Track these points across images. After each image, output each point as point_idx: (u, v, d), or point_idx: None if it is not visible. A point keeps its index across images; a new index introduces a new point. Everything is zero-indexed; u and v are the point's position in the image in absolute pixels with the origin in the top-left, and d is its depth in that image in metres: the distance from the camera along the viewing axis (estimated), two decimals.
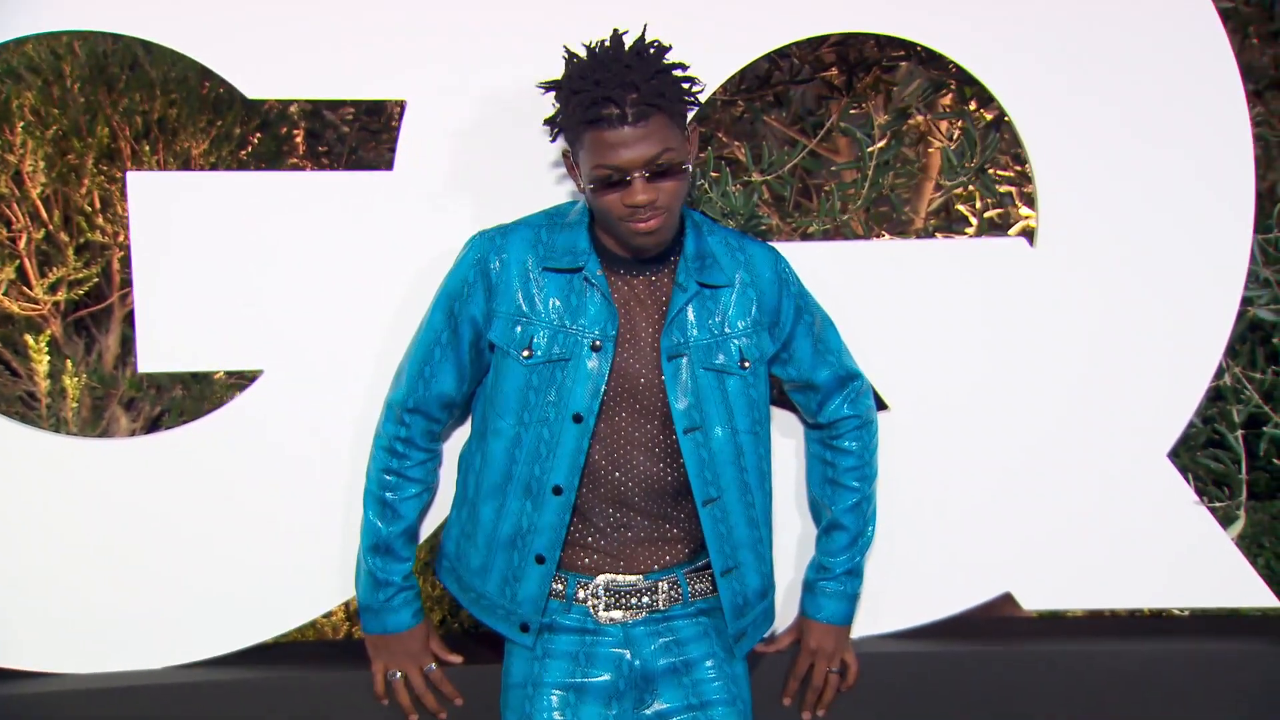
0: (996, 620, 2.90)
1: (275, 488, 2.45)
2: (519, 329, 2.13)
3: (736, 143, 3.94)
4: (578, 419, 2.11)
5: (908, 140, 3.90)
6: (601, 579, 2.18)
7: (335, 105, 4.91)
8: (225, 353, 2.43)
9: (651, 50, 1.98)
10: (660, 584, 2.20)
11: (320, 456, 2.45)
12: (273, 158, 4.70)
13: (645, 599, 2.19)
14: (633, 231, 2.03)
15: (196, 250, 2.38)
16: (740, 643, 2.27)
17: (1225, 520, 2.71)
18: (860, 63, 3.53)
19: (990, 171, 3.52)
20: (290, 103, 4.74)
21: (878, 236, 3.64)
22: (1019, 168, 3.85)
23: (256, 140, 4.70)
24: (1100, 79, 2.49)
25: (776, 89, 3.73)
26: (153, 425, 4.29)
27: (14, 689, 2.40)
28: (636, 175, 1.97)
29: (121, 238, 4.25)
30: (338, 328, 2.42)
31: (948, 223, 4.19)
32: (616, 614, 2.19)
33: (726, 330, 2.17)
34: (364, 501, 2.29)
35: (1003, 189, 3.92)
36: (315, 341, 2.42)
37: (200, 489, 2.44)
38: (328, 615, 3.85)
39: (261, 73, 2.37)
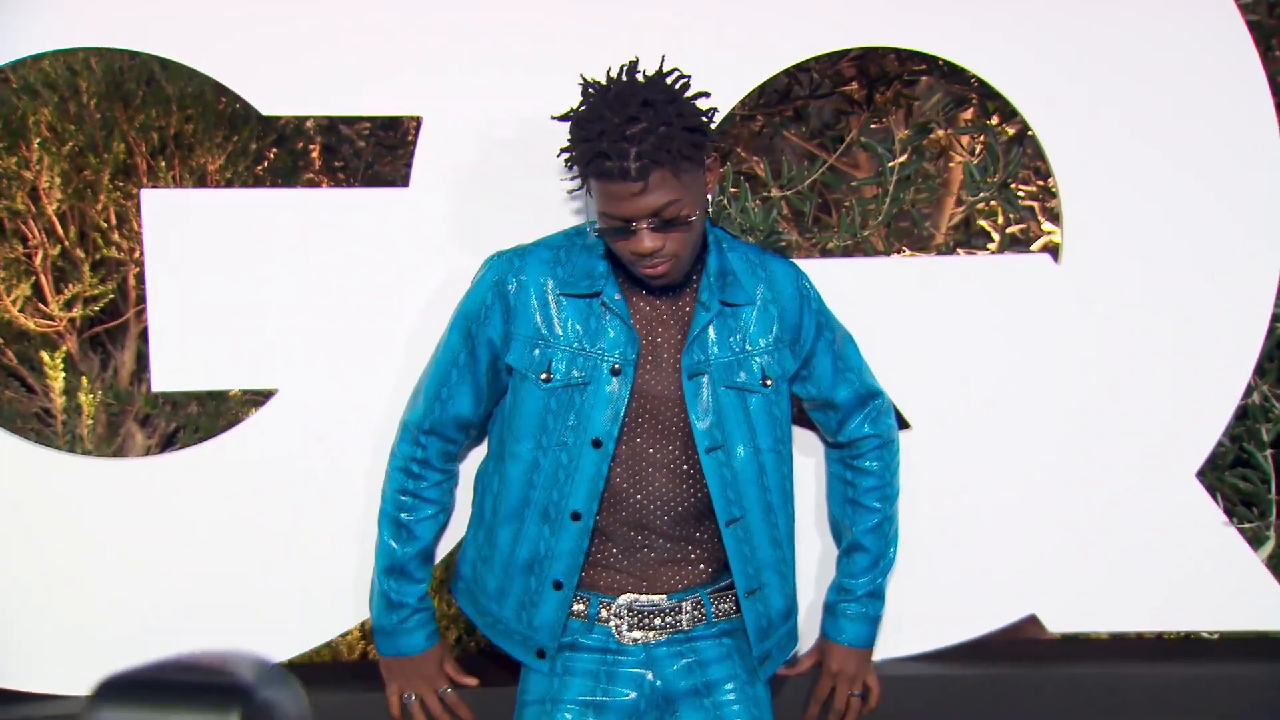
0: (1021, 643, 2.86)
1: (290, 508, 2.43)
2: (537, 352, 2.10)
3: (755, 158, 3.91)
4: (597, 444, 2.08)
5: (929, 155, 3.87)
6: (624, 599, 2.15)
7: (351, 121, 4.89)
8: (239, 372, 2.41)
9: (661, 96, 1.91)
10: (684, 604, 2.17)
11: (335, 476, 2.42)
12: (289, 173, 4.69)
13: (669, 619, 2.16)
14: (644, 274, 2.02)
15: (211, 268, 2.36)
16: (765, 664, 2.23)
17: (1255, 541, 2.66)
18: (880, 77, 3.51)
19: (1013, 186, 3.49)
20: (306, 118, 4.73)
21: (898, 252, 3.61)
22: (1041, 182, 3.81)
23: (272, 156, 4.69)
24: (1125, 91, 2.46)
25: (796, 104, 3.71)
26: (168, 441, 4.28)
27: (23, 711, 2.38)
28: (642, 226, 1.95)
29: (137, 254, 4.24)
30: (353, 346, 2.40)
31: (969, 238, 4.16)
32: (639, 634, 2.16)
33: (748, 348, 2.14)
34: (379, 523, 2.26)
35: (1025, 204, 3.88)
36: (330, 360, 2.40)
37: (213, 509, 2.42)
38: (344, 635, 3.82)
39: (276, 89, 2.35)
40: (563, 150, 2.03)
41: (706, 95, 1.98)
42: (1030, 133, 2.53)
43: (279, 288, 2.37)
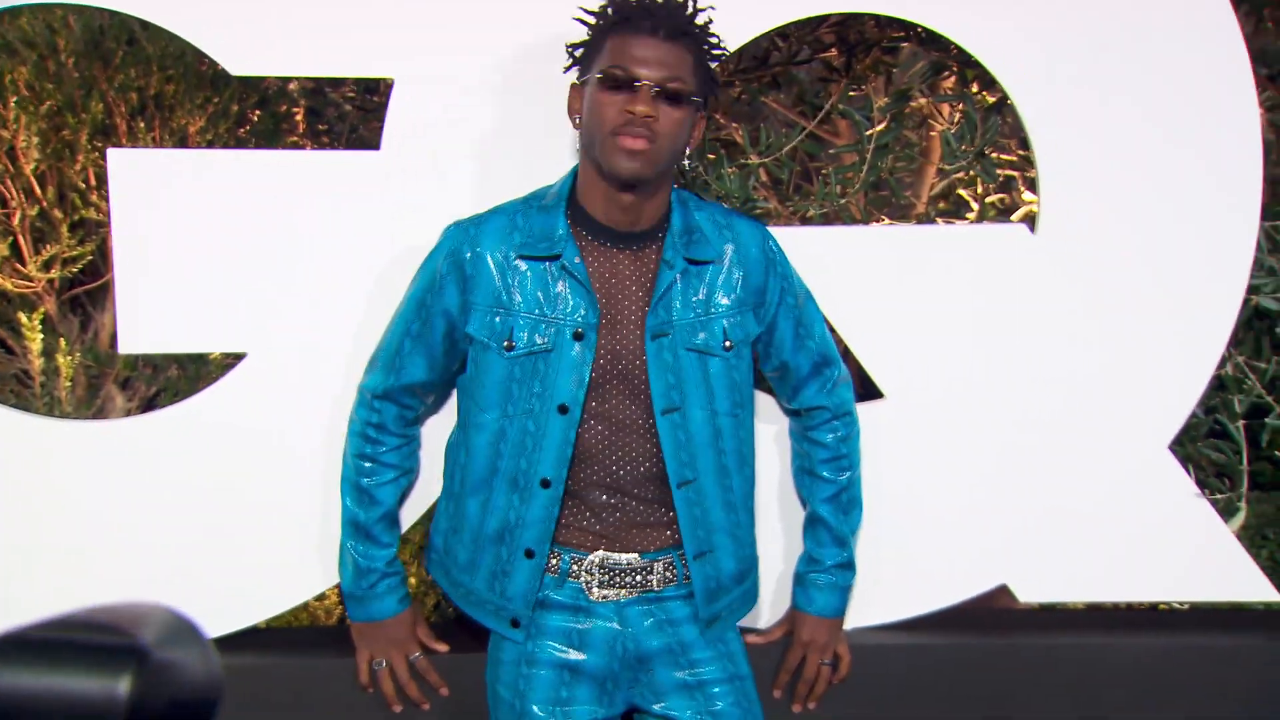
0: (992, 613, 2.86)
1: (261, 470, 2.42)
2: (498, 320, 2.09)
3: (734, 125, 3.87)
4: (563, 410, 2.08)
5: (910, 124, 3.84)
6: (596, 555, 2.15)
7: (336, 83, 4.85)
8: (208, 335, 2.39)
9: (691, 10, 2.03)
10: (656, 564, 2.17)
11: (305, 439, 2.41)
12: (271, 136, 4.64)
13: (639, 578, 2.16)
14: (618, 148, 1.99)
15: (179, 229, 2.34)
16: (713, 626, 2.22)
17: (1227, 512, 2.66)
18: (860, 43, 3.47)
19: (993, 156, 3.46)
20: (289, 80, 4.68)
21: (878, 221, 3.57)
22: (1023, 152, 3.79)
23: (255, 118, 4.64)
24: (1104, 61, 2.44)
25: (775, 70, 3.66)
26: (148, 405, 4.25)
27: None
28: (645, 84, 1.97)
29: None
30: (323, 310, 2.38)
31: (952, 208, 4.14)
32: (610, 592, 2.16)
33: (711, 310, 2.13)
34: (341, 488, 2.27)
35: (1006, 174, 3.87)
36: (299, 323, 2.39)
37: (183, 472, 2.41)
38: (320, 599, 3.83)
39: (246, 48, 2.33)
40: (572, 45, 2.08)
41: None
42: (1009, 101, 2.52)
43: (248, 250, 2.36)
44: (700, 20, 2.04)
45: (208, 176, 2.35)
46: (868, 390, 2.57)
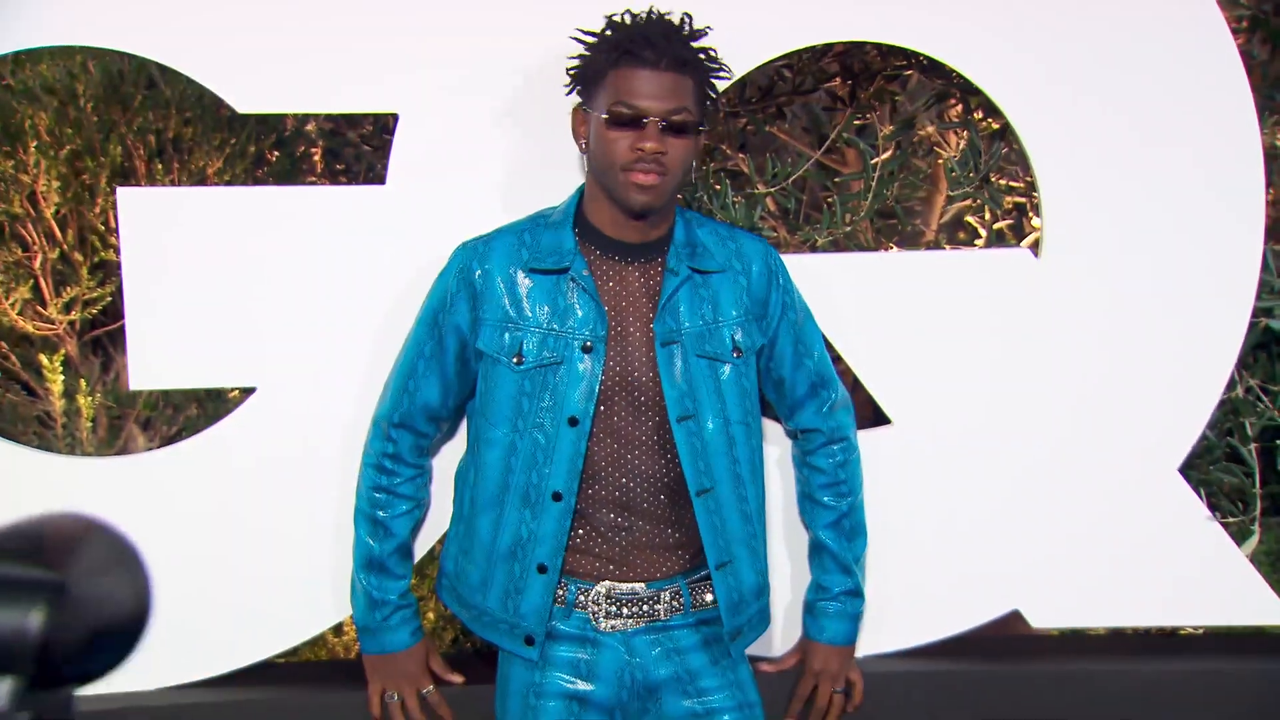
0: (1004, 639, 2.85)
1: (272, 503, 2.43)
2: (507, 335, 2.11)
3: (741, 155, 3.89)
4: (573, 422, 2.09)
5: (920, 151, 3.85)
6: (603, 586, 2.15)
7: (354, 122, 4.88)
8: (217, 369, 2.42)
9: (691, 25, 2.06)
10: (662, 593, 2.17)
11: (316, 473, 2.43)
12: (289, 176, 4.68)
13: (645, 607, 2.16)
14: (630, 183, 2.02)
15: (187, 265, 2.37)
16: (736, 641, 2.23)
17: (1241, 536, 2.65)
18: (864, 73, 3.49)
19: (1000, 182, 3.47)
20: (307, 119, 4.73)
21: (886, 249, 3.59)
22: (1030, 178, 3.79)
23: (273, 159, 4.68)
24: (1105, 86, 2.45)
25: (779, 100, 3.68)
26: (169, 444, 4.25)
27: None
28: (653, 120, 1.99)
29: None
30: (331, 343, 2.41)
31: (966, 238, 4.14)
32: (617, 622, 2.16)
33: (719, 318, 2.15)
34: (355, 521, 2.27)
35: (1014, 200, 3.86)
36: (308, 357, 2.41)
37: (192, 506, 2.42)
38: (338, 634, 3.83)
39: (251, 86, 2.37)
40: (573, 68, 2.10)
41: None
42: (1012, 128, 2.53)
43: (257, 285, 2.38)
44: (700, 43, 2.06)
45: (214, 213, 2.38)
46: (876, 416, 2.58)
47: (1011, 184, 3.82)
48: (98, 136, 4.15)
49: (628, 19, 2.04)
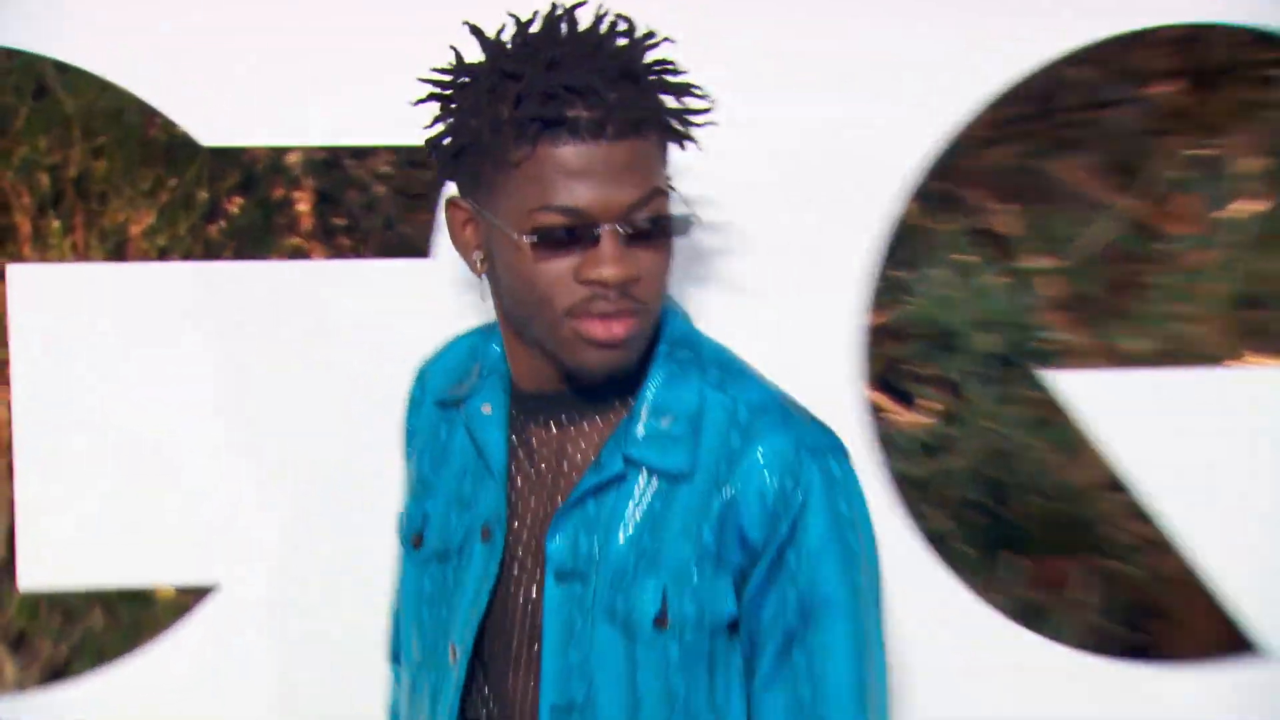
0: None
1: None
2: (415, 503, 1.66)
3: (999, 204, 2.83)
4: (453, 655, 1.50)
5: None
6: None
7: (362, 153, 3.53)
8: (161, 561, 2.18)
9: (638, 34, 1.40)
10: None
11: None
12: (260, 236, 3.36)
13: None
14: (582, 338, 1.37)
15: (108, 389, 2.13)
16: None
17: None
18: (1208, 73, 2.78)
19: None
20: (285, 151, 3.37)
21: (1247, 360, 2.86)
22: None
23: (236, 209, 3.36)
24: None
25: (1072, 115, 2.91)
26: (55, 676, 2.99)
27: None
28: (608, 229, 1.34)
29: None
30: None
31: None
32: None
33: (658, 558, 1.42)
34: None
35: None
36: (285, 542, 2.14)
37: None
38: None
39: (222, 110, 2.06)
40: (434, 139, 1.45)
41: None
42: None
43: (220, 430, 2.23)
44: (662, 70, 1.41)
45: (150, 305, 2.14)
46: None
47: None
48: None
49: (524, 48, 1.35)
